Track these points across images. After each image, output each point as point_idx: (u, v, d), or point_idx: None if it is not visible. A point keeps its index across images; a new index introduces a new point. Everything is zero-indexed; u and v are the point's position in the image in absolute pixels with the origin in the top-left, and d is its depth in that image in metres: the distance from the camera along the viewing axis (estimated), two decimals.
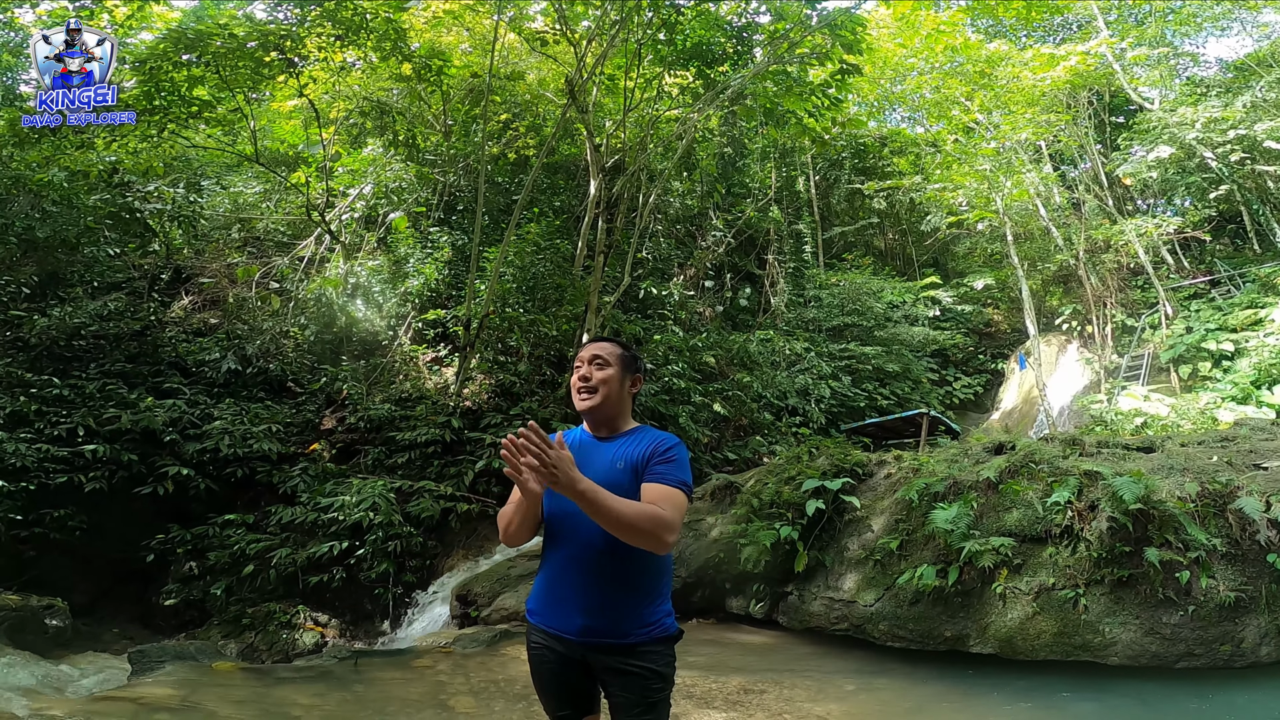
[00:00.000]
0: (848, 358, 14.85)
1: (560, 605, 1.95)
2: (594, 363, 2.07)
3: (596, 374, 2.05)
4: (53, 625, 6.08)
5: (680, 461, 1.94)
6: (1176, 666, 4.27)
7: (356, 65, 11.54)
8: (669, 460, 1.92)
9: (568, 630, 1.93)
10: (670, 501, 1.84)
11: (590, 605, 1.90)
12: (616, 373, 2.07)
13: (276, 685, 4.76)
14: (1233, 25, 18.88)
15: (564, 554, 1.97)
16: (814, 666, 5.13)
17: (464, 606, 6.98)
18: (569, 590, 1.94)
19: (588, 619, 1.90)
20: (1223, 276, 15.40)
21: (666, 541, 1.77)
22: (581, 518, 1.79)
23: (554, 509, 2.00)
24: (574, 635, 1.92)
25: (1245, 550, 4.40)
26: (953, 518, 5.05)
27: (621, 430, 2.08)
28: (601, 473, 1.91)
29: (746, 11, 11.44)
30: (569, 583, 1.95)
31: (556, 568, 1.98)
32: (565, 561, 1.96)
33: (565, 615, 1.93)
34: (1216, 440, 6.03)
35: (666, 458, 1.93)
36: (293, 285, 11.28)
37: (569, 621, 1.92)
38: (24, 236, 8.99)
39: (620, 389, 2.07)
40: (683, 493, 1.88)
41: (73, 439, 7.43)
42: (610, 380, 2.05)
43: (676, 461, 1.93)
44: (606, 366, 2.06)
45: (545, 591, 2.01)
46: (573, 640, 1.93)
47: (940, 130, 18.58)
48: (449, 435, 8.92)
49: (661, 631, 1.94)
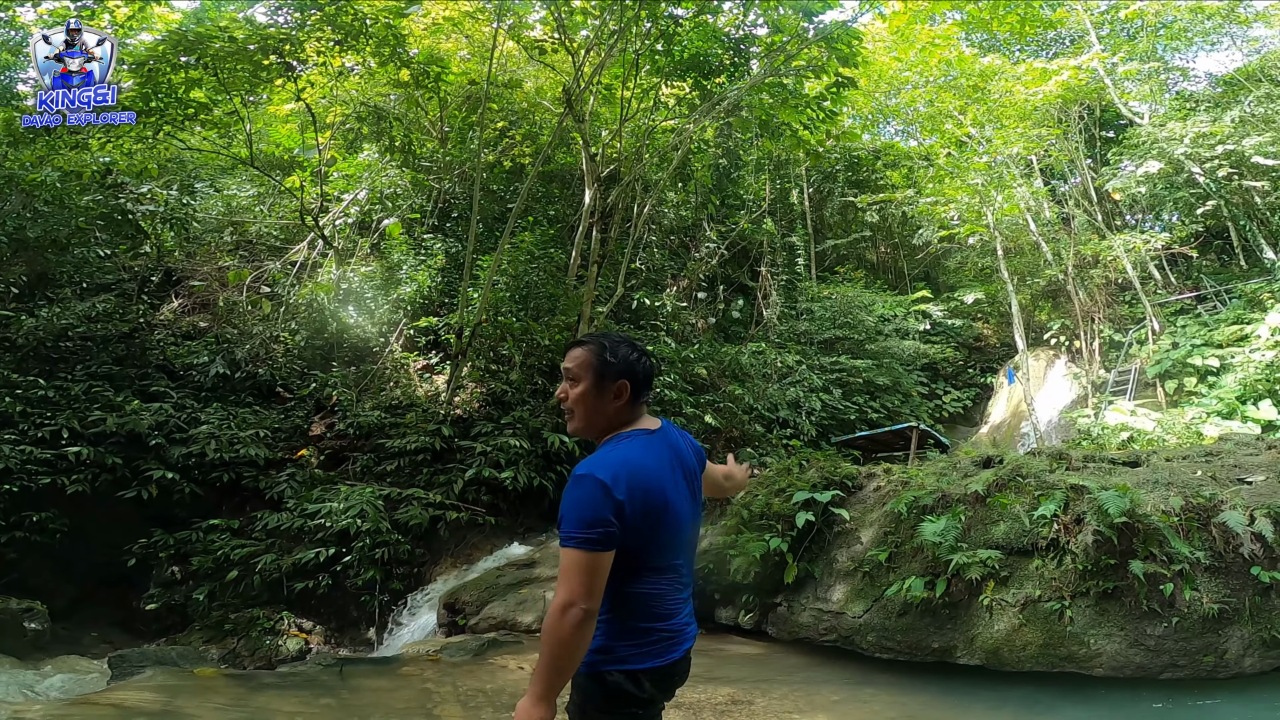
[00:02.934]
0: (839, 370, 14.89)
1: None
2: (567, 378, 1.85)
3: (571, 392, 1.84)
4: (31, 629, 6.00)
5: (570, 505, 1.65)
6: (1161, 677, 4.29)
7: (355, 70, 11.59)
8: (564, 512, 1.66)
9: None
10: (563, 572, 1.62)
11: None
12: (587, 387, 1.81)
13: (259, 691, 4.71)
14: (1223, 40, 19.09)
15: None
16: (802, 677, 5.12)
17: (451, 615, 6.93)
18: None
19: None
20: (1209, 292, 15.54)
21: (566, 625, 1.57)
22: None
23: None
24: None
25: (1229, 563, 4.43)
26: (941, 530, 5.07)
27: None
28: None
29: (744, 23, 11.57)
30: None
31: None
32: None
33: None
34: (1201, 455, 6.09)
35: (564, 504, 1.67)
36: (284, 290, 11.24)
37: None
38: (14, 236, 8.94)
39: (596, 403, 1.82)
40: (570, 549, 1.61)
41: (57, 441, 7.36)
42: (582, 397, 1.82)
43: (567, 509, 1.65)
44: (577, 382, 1.83)
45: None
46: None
47: (933, 144, 18.74)
48: (439, 443, 8.88)
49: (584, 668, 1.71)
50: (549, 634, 1.60)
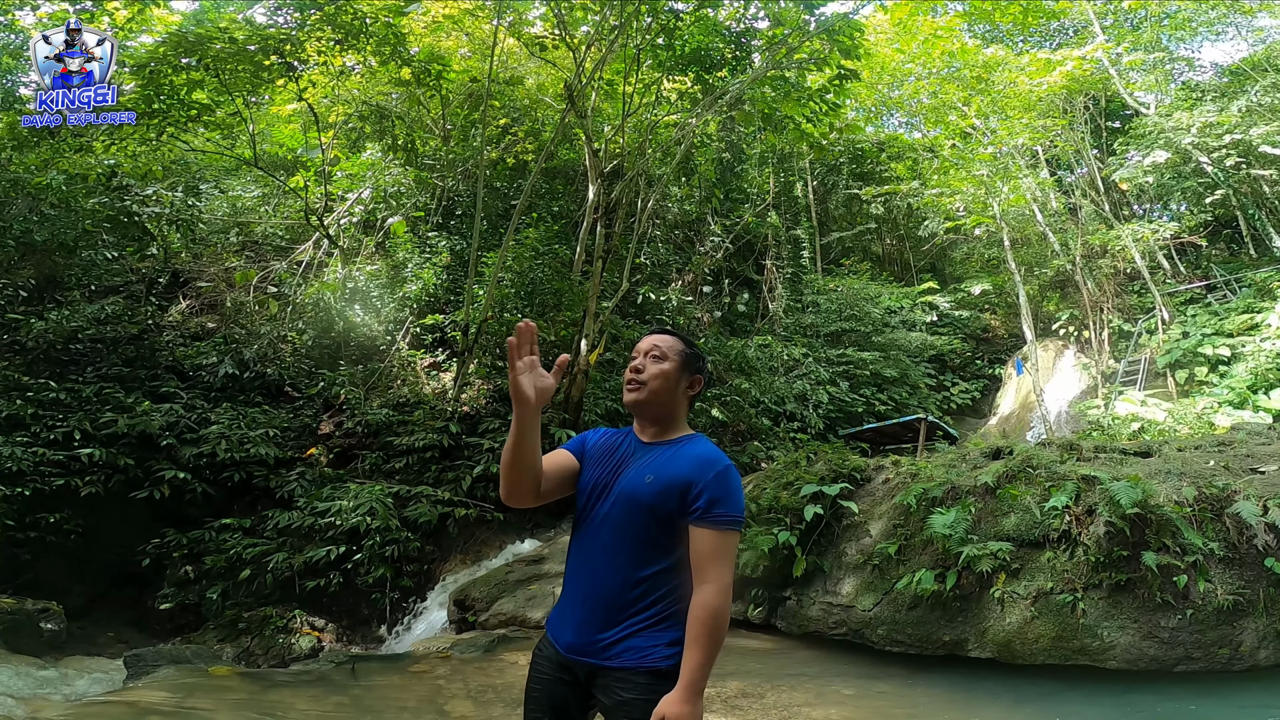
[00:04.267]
0: (845, 363, 14.85)
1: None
2: (650, 354, 1.88)
3: (651, 367, 1.85)
4: (48, 629, 6.05)
5: (733, 491, 1.72)
6: (1175, 670, 4.27)
7: (356, 69, 11.57)
8: (723, 496, 1.70)
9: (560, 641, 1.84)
10: (722, 557, 1.68)
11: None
12: (674, 368, 1.86)
13: (273, 689, 4.74)
14: (1228, 30, 18.95)
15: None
16: (812, 671, 5.12)
17: (462, 611, 6.96)
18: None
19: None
20: (1219, 281, 15.43)
21: (727, 608, 1.67)
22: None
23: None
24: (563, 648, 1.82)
25: (1243, 554, 4.41)
26: (951, 523, 5.05)
27: (669, 436, 1.87)
28: (629, 483, 1.78)
29: (745, 17, 11.48)
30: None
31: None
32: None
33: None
34: (1213, 445, 6.05)
35: (722, 489, 1.71)
36: (291, 290, 11.27)
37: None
38: (22, 239, 8.98)
39: (675, 387, 1.86)
40: (735, 532, 1.71)
41: (69, 443, 7.40)
42: (665, 376, 1.85)
43: (729, 494, 1.71)
44: (662, 361, 1.86)
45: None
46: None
47: (938, 135, 18.65)
48: (447, 440, 8.90)
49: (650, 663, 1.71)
50: (719, 619, 1.62)
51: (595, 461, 1.88)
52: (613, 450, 1.89)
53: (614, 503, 1.78)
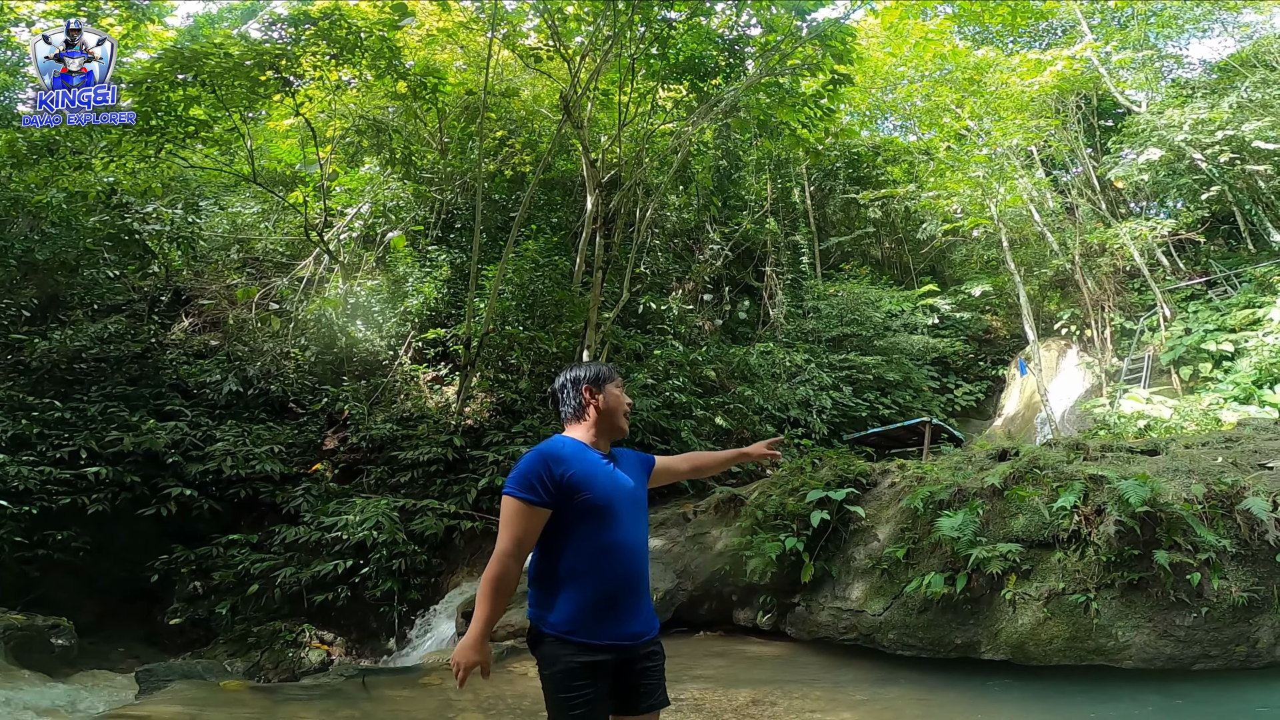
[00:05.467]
0: (848, 368, 14.84)
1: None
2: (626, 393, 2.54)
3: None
4: (59, 644, 6.05)
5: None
6: (1193, 668, 4.25)
7: (352, 84, 11.62)
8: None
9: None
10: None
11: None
12: None
13: (285, 703, 4.73)
14: (1214, 26, 19.02)
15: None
16: (824, 677, 5.09)
17: (469, 623, 6.93)
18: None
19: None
20: (1219, 277, 15.44)
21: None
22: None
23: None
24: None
25: (1255, 550, 4.39)
26: (959, 525, 5.04)
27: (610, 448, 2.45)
28: (629, 485, 2.30)
29: (737, 24, 11.57)
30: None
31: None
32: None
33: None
34: (1221, 441, 6.04)
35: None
36: (292, 306, 11.28)
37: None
38: (23, 259, 9.01)
39: None
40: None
41: (75, 461, 7.42)
42: None
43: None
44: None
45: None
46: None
47: (932, 138, 18.70)
48: (451, 453, 8.89)
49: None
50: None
51: (589, 480, 2.18)
52: (595, 466, 2.24)
53: (629, 504, 2.24)
